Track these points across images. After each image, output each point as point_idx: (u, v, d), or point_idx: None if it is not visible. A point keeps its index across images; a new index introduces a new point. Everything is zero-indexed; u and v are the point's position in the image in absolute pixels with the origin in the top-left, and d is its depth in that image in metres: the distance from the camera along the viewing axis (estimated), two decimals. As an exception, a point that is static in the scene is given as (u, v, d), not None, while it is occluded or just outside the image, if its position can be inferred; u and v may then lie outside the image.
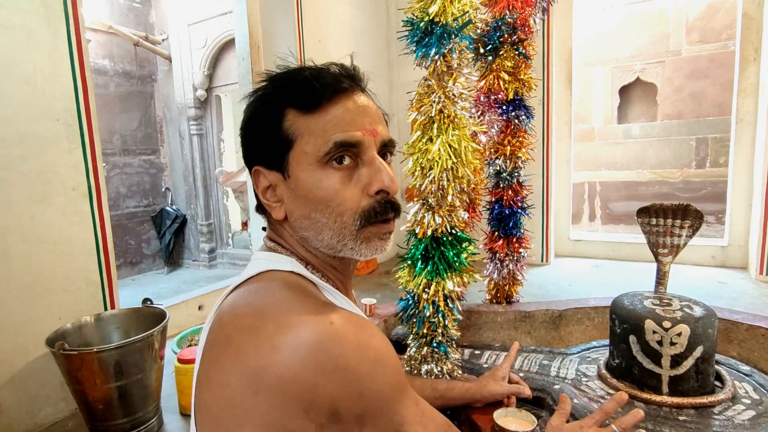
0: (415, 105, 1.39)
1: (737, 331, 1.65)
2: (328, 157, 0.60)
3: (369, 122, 0.63)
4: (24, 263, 1.93)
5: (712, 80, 5.66)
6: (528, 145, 1.96)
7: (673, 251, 1.46)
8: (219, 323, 0.59)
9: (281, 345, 0.51)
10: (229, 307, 0.60)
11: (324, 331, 0.52)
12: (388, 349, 0.57)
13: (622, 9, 6.10)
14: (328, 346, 0.51)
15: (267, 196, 0.66)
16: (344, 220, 0.62)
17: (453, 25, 1.28)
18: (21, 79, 1.92)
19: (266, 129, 0.64)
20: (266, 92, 0.65)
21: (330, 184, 0.61)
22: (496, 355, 1.70)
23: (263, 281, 0.61)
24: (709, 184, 5.35)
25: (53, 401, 2.01)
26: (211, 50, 4.79)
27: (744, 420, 1.23)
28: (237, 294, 0.61)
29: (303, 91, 0.62)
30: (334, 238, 0.63)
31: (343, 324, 0.53)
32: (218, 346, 0.57)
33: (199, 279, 4.89)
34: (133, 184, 5.19)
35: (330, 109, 0.61)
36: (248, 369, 0.52)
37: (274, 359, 0.51)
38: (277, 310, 0.55)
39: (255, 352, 0.52)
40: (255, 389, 0.51)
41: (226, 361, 0.54)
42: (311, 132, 0.61)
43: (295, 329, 0.52)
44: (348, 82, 0.64)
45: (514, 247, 1.97)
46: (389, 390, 0.55)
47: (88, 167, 2.14)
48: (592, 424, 0.88)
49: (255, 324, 0.54)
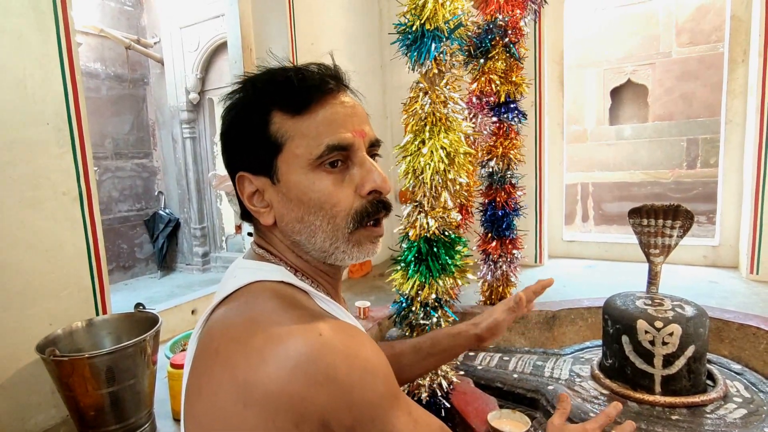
0: (408, 108, 1.39)
1: (728, 330, 1.66)
2: (320, 160, 0.60)
3: (357, 123, 0.63)
4: (14, 269, 1.91)
5: (702, 82, 5.72)
6: (520, 147, 1.97)
7: (664, 251, 1.47)
8: (209, 335, 0.59)
9: (270, 357, 0.51)
10: (220, 318, 0.59)
11: (313, 342, 0.51)
12: (379, 357, 0.56)
13: (612, 11, 6.15)
14: (317, 357, 0.51)
15: (254, 202, 0.65)
16: (337, 222, 0.62)
17: (444, 28, 1.29)
18: (10, 84, 1.90)
19: (251, 134, 0.62)
20: (247, 96, 0.63)
21: (323, 186, 0.60)
22: (490, 356, 1.70)
23: (253, 293, 0.61)
24: (700, 184, 5.40)
25: (44, 408, 1.98)
26: (204, 53, 4.78)
27: (736, 418, 1.24)
28: (226, 307, 0.61)
29: (289, 94, 0.61)
30: (326, 241, 0.62)
31: (332, 335, 0.53)
32: (208, 359, 0.56)
33: (192, 283, 4.86)
34: (126, 188, 5.15)
35: (319, 110, 0.61)
36: (237, 381, 0.51)
37: (263, 372, 0.50)
38: (267, 321, 0.54)
39: (244, 363, 0.52)
40: (244, 402, 0.51)
41: (215, 372, 0.54)
42: (302, 134, 0.60)
43: (284, 341, 0.51)
44: (333, 83, 0.63)
45: (508, 249, 1.98)
46: (380, 400, 0.54)
47: (79, 171, 2.12)
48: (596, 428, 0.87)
49: (244, 335, 0.54)
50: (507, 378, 1.53)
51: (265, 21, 3.52)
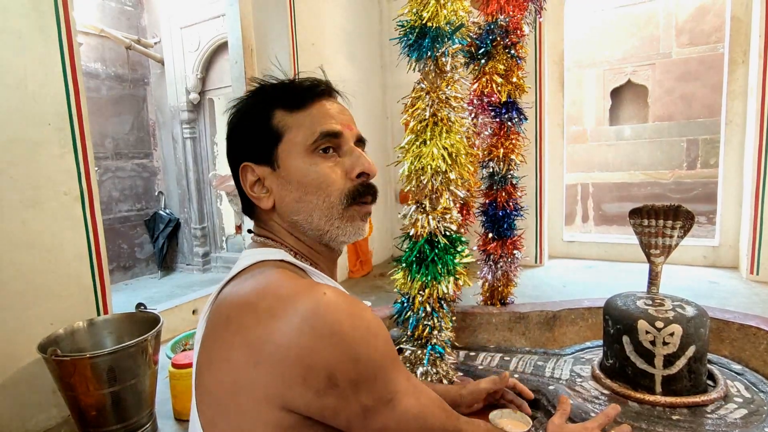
0: (409, 108, 1.39)
1: (729, 331, 1.66)
2: (315, 145, 0.69)
3: (346, 120, 0.73)
4: (16, 269, 1.91)
5: (702, 82, 5.73)
6: (521, 147, 1.97)
7: (665, 252, 1.47)
8: (218, 309, 0.63)
9: (279, 314, 0.55)
10: (228, 293, 0.64)
11: (319, 299, 0.56)
12: (379, 322, 0.60)
13: (612, 12, 6.16)
14: (323, 312, 0.55)
15: (254, 190, 0.72)
16: (332, 200, 0.69)
17: (446, 28, 1.29)
18: (12, 84, 1.91)
19: (255, 127, 0.71)
20: (252, 98, 0.73)
21: (320, 168, 0.69)
22: (491, 356, 1.70)
23: (257, 270, 0.65)
24: (700, 185, 5.40)
25: (45, 408, 1.98)
26: (204, 53, 4.78)
27: (736, 418, 1.24)
28: (233, 284, 0.66)
29: (289, 94, 0.71)
30: (322, 218, 0.70)
31: (335, 295, 0.58)
32: (218, 327, 0.61)
33: (193, 283, 4.86)
34: (126, 188, 5.15)
35: (313, 107, 0.71)
36: (248, 341, 0.55)
37: (273, 328, 0.54)
38: (274, 285, 0.59)
39: (255, 323, 0.56)
40: (255, 360, 0.55)
41: (227, 338, 0.58)
42: (299, 125, 0.69)
43: (292, 300, 0.56)
44: (325, 87, 0.74)
45: (508, 249, 1.98)
46: (382, 358, 0.58)
47: (80, 171, 2.12)
48: (596, 427, 0.89)
49: (253, 300, 0.58)
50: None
51: (266, 21, 3.52)
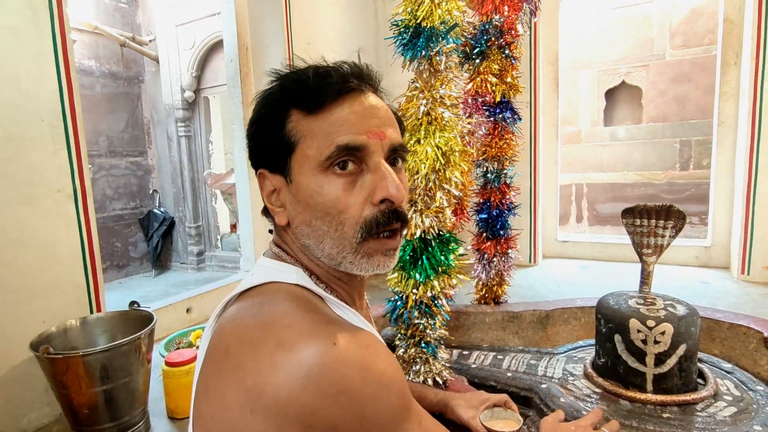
0: (403, 107, 1.40)
1: (719, 330, 1.68)
2: (330, 161, 0.57)
3: (376, 124, 0.59)
4: (8, 266, 1.90)
5: (695, 84, 5.77)
6: (515, 147, 1.98)
7: (657, 251, 1.49)
8: (220, 333, 0.57)
9: (281, 364, 0.49)
10: (231, 317, 0.58)
11: (326, 352, 0.49)
12: (394, 369, 0.54)
13: (607, 13, 6.19)
14: (330, 368, 0.48)
15: (272, 200, 0.64)
16: (345, 230, 0.58)
17: (440, 28, 1.30)
18: (5, 80, 1.89)
19: (270, 131, 0.61)
20: (273, 91, 0.62)
21: (331, 190, 0.57)
22: (484, 355, 1.71)
23: (267, 293, 0.59)
24: (692, 185, 5.44)
25: (38, 406, 1.97)
26: (200, 52, 4.76)
27: (726, 416, 1.26)
28: (240, 304, 0.59)
29: (307, 91, 0.59)
30: (334, 248, 0.60)
31: (347, 344, 0.51)
32: (218, 358, 0.55)
33: (187, 282, 4.84)
34: (120, 186, 5.13)
35: (335, 110, 0.58)
36: (246, 386, 0.50)
37: (273, 379, 0.48)
38: (280, 324, 0.53)
39: (254, 368, 0.50)
40: (251, 407, 0.49)
41: (224, 374, 0.52)
42: (314, 134, 0.58)
43: (297, 348, 0.49)
44: (356, 82, 0.60)
45: (502, 248, 1.99)
46: (392, 414, 0.53)
47: (74, 169, 2.11)
48: (588, 425, 0.89)
49: (256, 338, 0.52)
50: (501, 376, 1.54)
51: (262, 20, 3.51)
